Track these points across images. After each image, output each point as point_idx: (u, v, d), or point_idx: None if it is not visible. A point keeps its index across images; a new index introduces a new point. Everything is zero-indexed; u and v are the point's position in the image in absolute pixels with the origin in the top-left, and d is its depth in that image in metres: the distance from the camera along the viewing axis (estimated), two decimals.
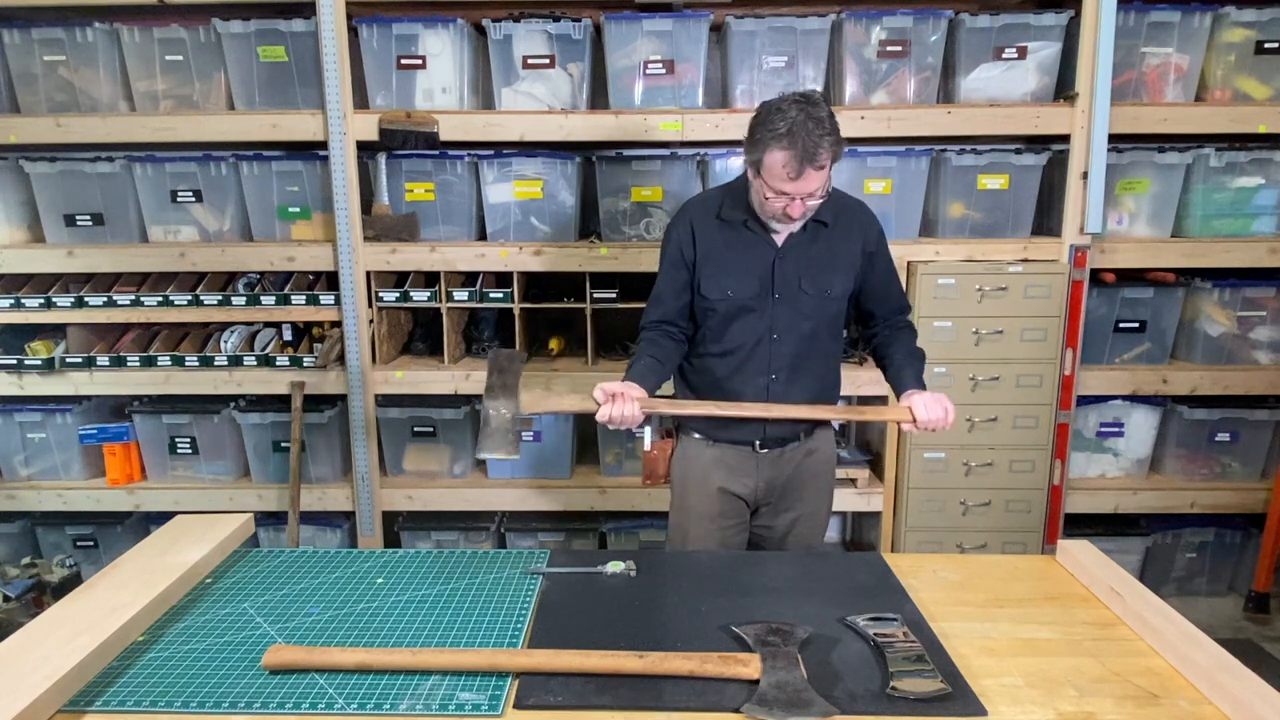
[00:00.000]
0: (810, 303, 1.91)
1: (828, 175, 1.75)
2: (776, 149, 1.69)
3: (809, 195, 1.75)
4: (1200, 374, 3.03)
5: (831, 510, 2.17)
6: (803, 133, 1.67)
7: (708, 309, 1.94)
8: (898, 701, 1.19)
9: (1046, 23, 2.83)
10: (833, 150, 1.71)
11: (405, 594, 1.54)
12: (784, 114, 1.69)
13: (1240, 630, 3.04)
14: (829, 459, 2.10)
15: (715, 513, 2.03)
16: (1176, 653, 1.30)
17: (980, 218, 2.98)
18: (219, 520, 1.77)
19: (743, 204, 1.90)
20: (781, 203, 1.76)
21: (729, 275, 1.91)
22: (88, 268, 3.06)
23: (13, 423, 3.16)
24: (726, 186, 1.98)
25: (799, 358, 1.94)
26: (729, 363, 1.95)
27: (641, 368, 1.87)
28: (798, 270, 1.90)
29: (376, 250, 2.97)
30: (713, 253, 1.92)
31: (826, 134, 1.69)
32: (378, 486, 3.13)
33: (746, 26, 2.84)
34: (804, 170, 1.69)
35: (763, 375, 1.93)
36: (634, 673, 1.25)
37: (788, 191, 1.73)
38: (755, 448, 1.99)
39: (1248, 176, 2.96)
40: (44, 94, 2.97)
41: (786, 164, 1.69)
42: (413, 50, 2.87)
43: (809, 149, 1.67)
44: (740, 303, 1.91)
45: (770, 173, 1.73)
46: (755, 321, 1.92)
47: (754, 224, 1.90)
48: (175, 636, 1.40)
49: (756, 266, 1.90)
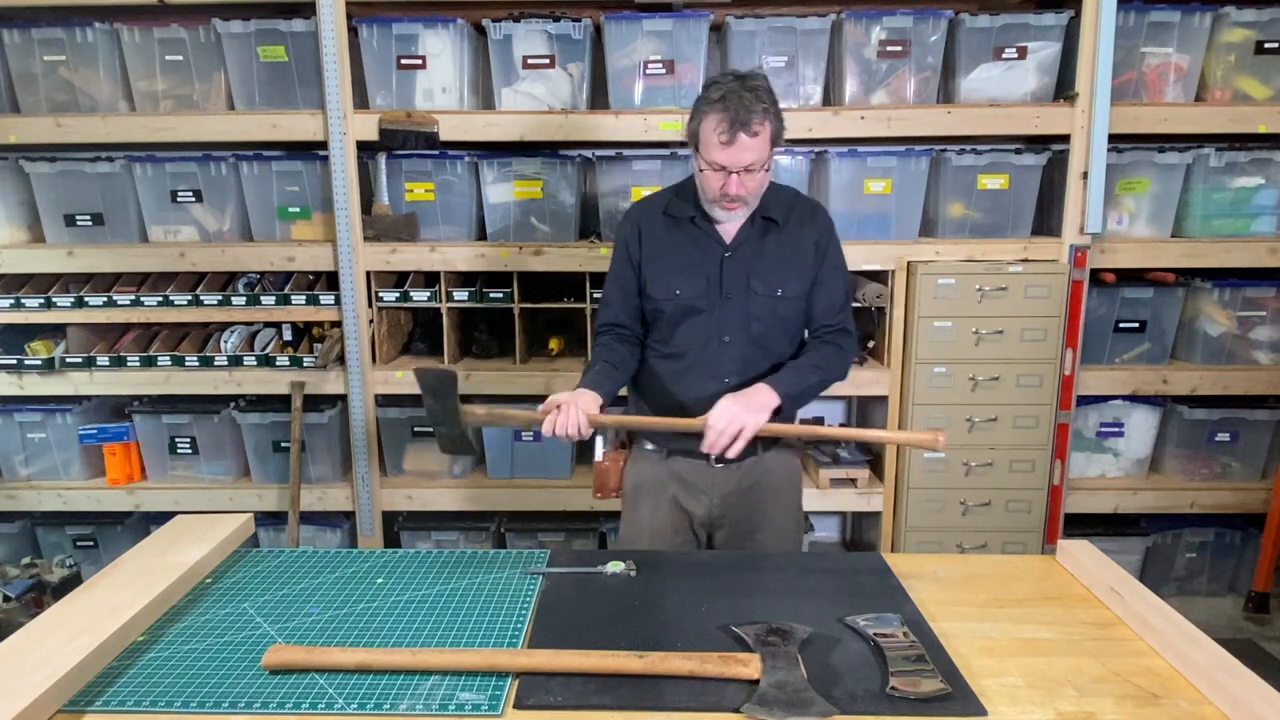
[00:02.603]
0: (761, 303, 1.85)
1: (767, 152, 1.72)
2: (710, 114, 1.69)
3: (745, 170, 1.71)
4: (1200, 374, 3.03)
5: (802, 525, 2.08)
6: (735, 99, 1.66)
7: (656, 310, 1.89)
8: (898, 701, 1.19)
9: (1046, 23, 2.83)
10: (768, 121, 1.69)
11: (405, 594, 1.54)
12: (720, 84, 1.70)
13: (1240, 630, 3.04)
14: (791, 472, 2.01)
15: (669, 528, 1.96)
16: (1176, 653, 1.30)
17: (980, 218, 2.98)
18: (219, 520, 1.77)
19: (691, 200, 1.86)
20: (719, 180, 1.73)
21: (675, 274, 1.86)
22: (88, 268, 3.06)
23: (13, 423, 3.16)
24: (676, 185, 1.95)
25: (751, 361, 1.86)
26: (678, 366, 1.89)
27: (595, 374, 1.80)
28: (747, 269, 1.84)
29: (376, 250, 2.97)
30: (659, 251, 1.88)
31: (761, 103, 1.67)
32: (378, 486, 3.12)
33: (746, 26, 2.84)
34: (736, 135, 1.66)
35: (714, 380, 1.85)
36: (634, 673, 1.25)
37: (722, 163, 1.70)
38: (710, 461, 1.89)
39: (1248, 176, 2.96)
40: (44, 94, 2.97)
41: (718, 127, 1.67)
42: (413, 50, 2.87)
43: (740, 114, 1.65)
44: (688, 303, 1.85)
45: (705, 141, 1.71)
46: (704, 323, 1.86)
47: (701, 220, 1.86)
48: (175, 636, 1.40)
49: (704, 265, 1.85)
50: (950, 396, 2.91)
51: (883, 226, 2.98)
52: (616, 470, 2.02)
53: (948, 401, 2.91)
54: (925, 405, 2.92)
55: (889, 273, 2.93)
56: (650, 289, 1.88)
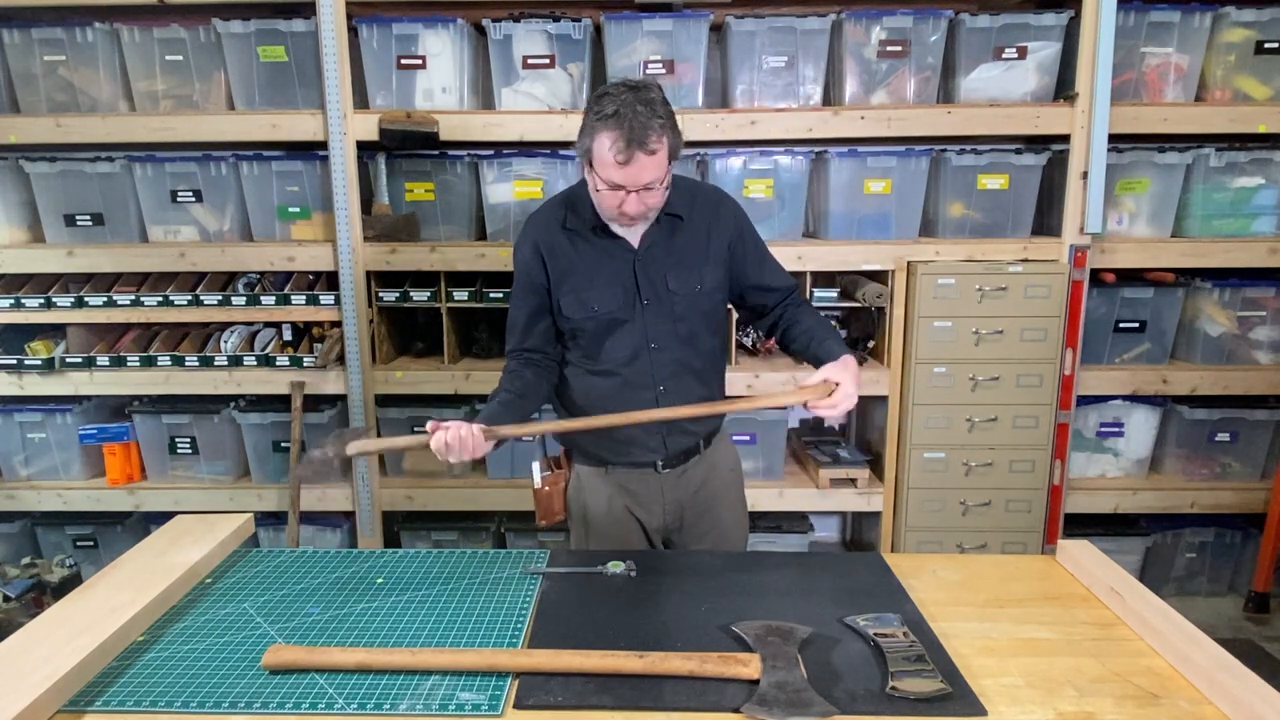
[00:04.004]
0: (682, 302, 1.78)
1: (665, 168, 1.62)
2: (604, 131, 1.57)
3: (644, 188, 1.61)
4: (1200, 374, 3.03)
5: (748, 521, 2.04)
6: (630, 113, 1.54)
7: (575, 329, 1.79)
8: (898, 701, 1.19)
9: (1046, 23, 2.83)
10: (665, 136, 1.58)
11: (405, 594, 1.54)
12: (613, 97, 1.58)
13: (1240, 630, 3.04)
14: (734, 466, 1.98)
15: (624, 541, 1.91)
16: (1176, 653, 1.30)
17: (980, 218, 2.98)
18: (219, 520, 1.77)
19: (587, 209, 1.75)
20: (616, 199, 1.62)
21: (589, 289, 1.76)
22: (88, 268, 3.06)
23: (13, 423, 3.16)
24: (565, 194, 1.83)
25: (682, 364, 1.80)
26: (610, 382, 1.81)
27: (493, 407, 1.70)
28: (661, 269, 1.77)
29: (376, 250, 2.97)
30: (567, 269, 1.77)
31: (657, 117, 1.56)
32: (378, 486, 3.12)
33: (746, 26, 2.84)
34: (633, 154, 1.55)
35: (648, 389, 1.79)
36: (634, 673, 1.25)
37: (620, 183, 1.59)
38: (657, 468, 1.86)
39: (1248, 176, 2.96)
40: (44, 94, 2.97)
41: (614, 146, 1.56)
42: (413, 50, 2.87)
43: (637, 131, 1.54)
44: (608, 317, 1.77)
45: (600, 160, 1.59)
46: (628, 334, 1.78)
47: (602, 230, 1.76)
48: (175, 636, 1.40)
49: (617, 275, 1.76)
50: (950, 396, 2.91)
51: (883, 226, 2.98)
52: (558, 493, 1.94)
53: (948, 401, 2.91)
54: (925, 405, 2.92)
55: (889, 273, 2.93)
56: (565, 309, 1.78)
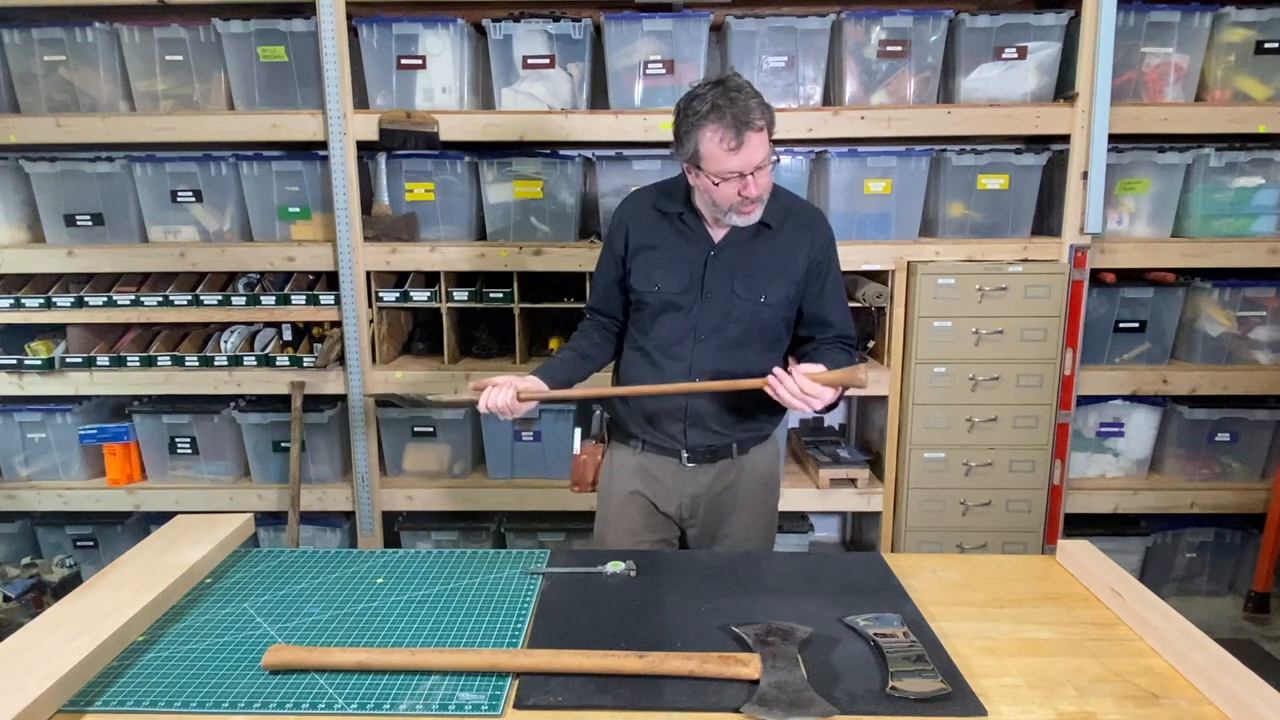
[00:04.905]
0: (742, 307, 1.82)
1: (769, 146, 1.68)
2: (707, 127, 1.63)
3: (758, 168, 1.66)
4: (1200, 374, 3.03)
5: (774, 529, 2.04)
6: (725, 103, 1.62)
7: (639, 301, 1.88)
8: (898, 701, 1.19)
9: (1046, 23, 2.83)
10: (764, 112, 1.65)
11: (405, 594, 1.54)
12: (702, 97, 1.65)
13: (1240, 630, 3.04)
14: (768, 477, 1.98)
15: (638, 526, 1.94)
16: (1176, 653, 1.30)
17: (980, 218, 2.98)
18: (219, 520, 1.77)
19: (679, 196, 1.85)
20: (734, 186, 1.68)
21: (658, 268, 1.85)
22: (88, 268, 3.06)
23: (13, 423, 3.16)
24: (662, 182, 1.94)
25: (723, 365, 1.83)
26: (650, 361, 1.88)
27: (553, 361, 1.86)
28: (731, 271, 1.82)
29: (376, 250, 2.97)
30: (645, 245, 1.87)
31: (752, 96, 1.64)
32: (378, 486, 3.12)
33: (746, 26, 2.84)
34: (744, 137, 1.62)
35: (683, 378, 1.83)
36: (634, 673, 1.25)
37: (736, 169, 1.65)
38: (683, 460, 1.90)
39: (1248, 176, 2.96)
40: (44, 94, 2.97)
41: (723, 137, 1.62)
42: (413, 50, 2.87)
43: (740, 115, 1.61)
44: (667, 298, 1.84)
45: (710, 157, 1.66)
46: (681, 320, 1.84)
47: (690, 217, 1.84)
48: (175, 636, 1.40)
49: (688, 262, 1.84)
50: (950, 396, 2.91)
51: (883, 226, 2.98)
52: (594, 464, 2.01)
53: (948, 401, 2.91)
54: (925, 405, 2.92)
55: (889, 273, 2.93)
56: (633, 280, 1.88)
